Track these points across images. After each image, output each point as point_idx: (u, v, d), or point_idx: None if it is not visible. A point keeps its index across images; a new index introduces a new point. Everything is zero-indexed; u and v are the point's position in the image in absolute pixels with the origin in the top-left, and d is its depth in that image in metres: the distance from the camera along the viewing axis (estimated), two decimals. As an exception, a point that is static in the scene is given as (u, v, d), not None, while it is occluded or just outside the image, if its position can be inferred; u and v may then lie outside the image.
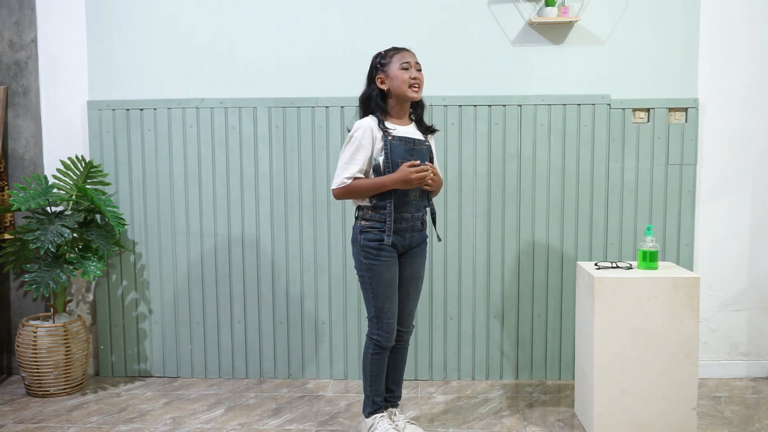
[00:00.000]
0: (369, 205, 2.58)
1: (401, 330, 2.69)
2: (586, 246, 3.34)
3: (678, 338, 2.63)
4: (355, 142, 2.53)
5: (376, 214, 2.57)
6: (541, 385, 3.34)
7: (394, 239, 2.57)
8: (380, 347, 2.64)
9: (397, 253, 2.61)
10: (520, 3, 3.27)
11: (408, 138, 2.57)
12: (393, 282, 2.60)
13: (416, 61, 2.61)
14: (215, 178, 3.38)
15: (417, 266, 2.68)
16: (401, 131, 2.58)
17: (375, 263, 2.57)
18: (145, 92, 3.38)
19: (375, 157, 2.54)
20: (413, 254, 2.66)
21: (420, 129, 2.67)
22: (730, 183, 3.34)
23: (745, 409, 3.01)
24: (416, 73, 2.58)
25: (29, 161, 3.43)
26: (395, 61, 2.57)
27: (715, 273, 3.37)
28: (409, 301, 2.69)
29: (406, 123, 2.64)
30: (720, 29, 3.28)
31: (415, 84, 2.57)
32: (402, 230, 2.59)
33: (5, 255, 3.25)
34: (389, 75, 2.57)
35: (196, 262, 3.41)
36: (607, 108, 3.29)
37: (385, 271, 2.58)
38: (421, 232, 2.67)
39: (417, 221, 2.63)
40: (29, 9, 3.37)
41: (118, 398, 3.20)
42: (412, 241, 2.64)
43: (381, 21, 3.30)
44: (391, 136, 2.54)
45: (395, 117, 2.62)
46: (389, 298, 2.60)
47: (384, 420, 2.66)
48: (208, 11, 3.34)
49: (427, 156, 2.61)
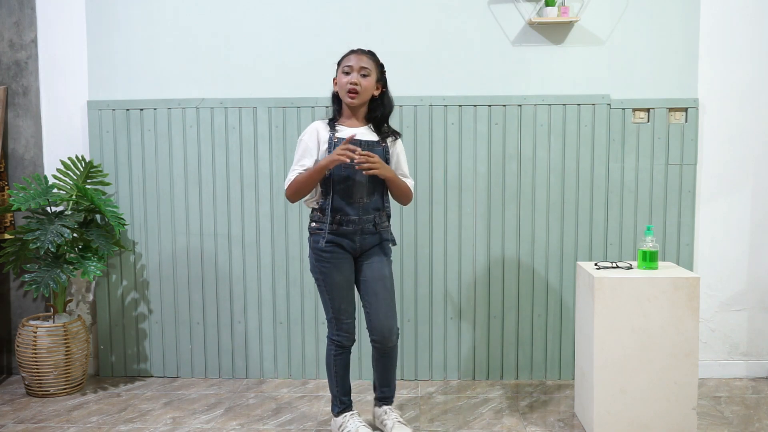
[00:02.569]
0: (317, 207, 2.61)
1: (382, 336, 2.62)
2: (586, 246, 3.34)
3: (678, 338, 2.63)
4: (302, 144, 2.60)
5: (323, 216, 2.59)
6: (541, 385, 3.34)
7: (340, 241, 2.57)
8: (341, 347, 2.66)
9: (349, 254, 2.61)
10: (520, 3, 3.27)
11: (354, 140, 2.55)
12: (346, 283, 2.61)
13: (362, 65, 2.56)
14: (215, 178, 3.38)
15: (376, 266, 2.63)
16: (348, 133, 2.58)
17: (325, 265, 2.60)
18: (145, 92, 3.38)
19: (319, 160, 2.55)
20: (369, 255, 2.64)
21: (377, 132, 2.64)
22: (730, 183, 3.34)
23: (745, 409, 3.01)
24: (356, 78, 2.54)
25: (29, 161, 3.43)
26: (342, 64, 2.60)
27: (715, 273, 3.37)
28: (380, 302, 2.62)
29: (358, 125, 2.63)
30: (720, 29, 3.28)
31: (351, 90, 2.54)
32: (349, 233, 2.58)
33: (5, 255, 3.25)
34: (337, 77, 2.62)
35: (196, 262, 3.41)
36: (607, 108, 3.29)
37: (336, 272, 2.59)
38: (374, 235, 2.63)
39: (367, 223, 2.59)
40: (29, 9, 3.37)
41: (118, 398, 3.20)
42: (364, 244, 2.62)
43: (381, 21, 3.30)
44: (336, 138, 2.56)
45: (347, 119, 2.64)
46: (344, 298, 2.62)
47: (354, 417, 2.69)
48: (208, 11, 3.34)
49: (379, 159, 2.53)
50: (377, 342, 2.64)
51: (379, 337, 2.63)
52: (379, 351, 2.67)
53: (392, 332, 2.64)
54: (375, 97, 2.64)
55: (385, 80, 2.67)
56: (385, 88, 2.66)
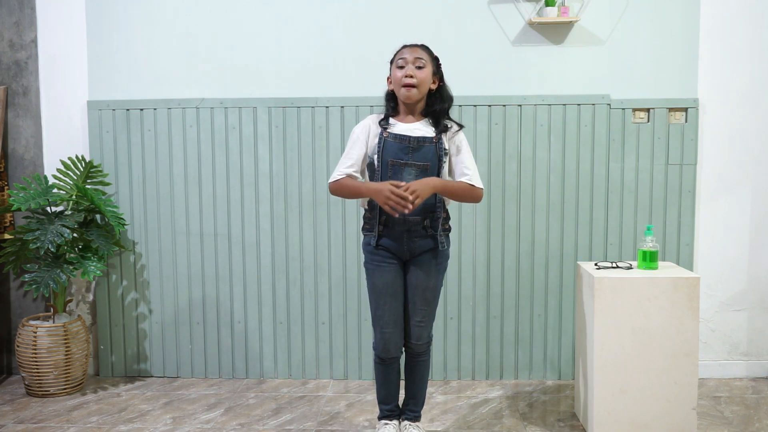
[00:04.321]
0: (367, 208, 2.52)
1: (409, 342, 2.55)
2: (586, 246, 3.34)
3: (678, 338, 2.63)
4: (353, 136, 2.49)
5: (371, 217, 2.48)
6: (541, 385, 3.34)
7: (388, 244, 2.46)
8: (379, 357, 2.56)
9: (396, 259, 2.49)
10: (520, 3, 3.27)
11: (404, 136, 2.42)
12: (388, 289, 2.48)
13: (416, 56, 2.43)
14: (215, 178, 3.38)
15: (422, 275, 2.48)
16: (401, 128, 2.45)
17: (369, 267, 2.51)
18: (145, 92, 3.38)
19: (370, 155, 2.47)
20: (418, 262, 2.48)
21: (435, 126, 2.48)
22: (730, 183, 3.34)
23: (745, 409, 3.01)
24: (412, 70, 2.41)
25: (29, 161, 3.43)
26: (395, 60, 2.49)
27: (715, 273, 3.37)
28: (415, 311, 2.51)
29: (413, 120, 2.48)
30: (720, 29, 3.28)
31: (407, 83, 2.40)
32: (396, 235, 2.45)
33: (5, 255, 3.25)
34: (391, 75, 2.51)
35: (196, 262, 3.41)
36: (607, 108, 3.29)
37: (378, 275, 2.48)
38: (425, 239, 2.46)
39: (416, 225, 2.43)
40: (29, 9, 3.37)
41: (118, 398, 3.20)
42: (414, 247, 2.46)
43: (381, 21, 3.30)
44: (387, 133, 2.43)
45: (402, 115, 2.50)
46: (382, 305, 2.48)
47: (385, 428, 2.61)
48: (208, 11, 3.34)
49: (430, 156, 2.42)
50: (406, 349, 2.59)
51: (407, 344, 2.56)
52: (408, 358, 2.61)
53: (421, 345, 2.55)
54: (432, 91, 2.50)
55: (442, 73, 2.53)
56: (442, 81, 2.53)
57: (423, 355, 2.59)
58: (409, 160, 2.42)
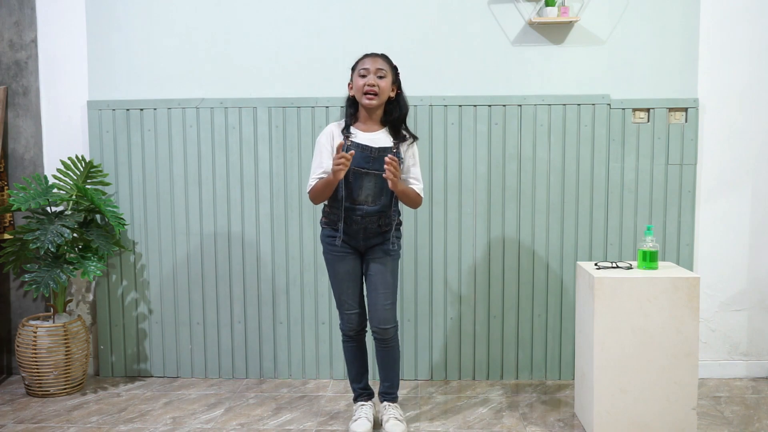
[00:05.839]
0: (326, 203, 2.72)
1: (378, 328, 2.71)
2: (586, 246, 3.34)
3: (678, 338, 2.63)
4: (318, 146, 2.67)
5: (331, 213, 2.69)
6: (541, 385, 3.34)
7: (347, 239, 2.68)
8: (345, 335, 2.81)
9: (354, 250, 2.70)
10: (520, 3, 3.27)
11: (366, 146, 2.60)
12: (349, 275, 2.71)
13: (378, 67, 2.60)
14: (215, 178, 3.38)
15: (378, 262, 2.69)
16: (363, 137, 2.63)
17: (329, 257, 2.74)
18: (145, 92, 3.38)
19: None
20: (373, 252, 2.70)
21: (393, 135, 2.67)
22: (730, 183, 3.34)
23: (745, 409, 3.01)
24: (373, 80, 2.58)
25: (29, 161, 3.43)
26: (357, 68, 2.64)
27: (715, 273, 3.37)
28: (378, 294, 2.69)
29: (374, 129, 2.66)
30: (720, 29, 3.28)
31: (369, 91, 2.58)
32: (353, 232, 2.66)
33: (5, 255, 3.25)
34: (353, 82, 2.65)
35: (197, 262, 3.41)
36: (607, 108, 3.29)
37: (340, 265, 2.71)
38: (378, 236, 2.68)
39: (371, 224, 2.65)
40: (29, 9, 3.37)
41: (118, 398, 3.20)
42: (368, 242, 2.69)
43: (381, 21, 3.30)
44: (350, 141, 2.59)
45: (363, 122, 2.68)
46: (345, 290, 2.73)
47: (361, 408, 2.80)
48: (207, 11, 3.34)
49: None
50: (375, 333, 2.74)
51: (376, 327, 2.71)
52: (378, 343, 2.76)
53: (388, 323, 2.71)
54: (391, 99, 2.68)
55: (400, 82, 2.71)
56: (399, 90, 2.71)
57: (392, 341, 2.75)
58: (370, 169, 2.62)
